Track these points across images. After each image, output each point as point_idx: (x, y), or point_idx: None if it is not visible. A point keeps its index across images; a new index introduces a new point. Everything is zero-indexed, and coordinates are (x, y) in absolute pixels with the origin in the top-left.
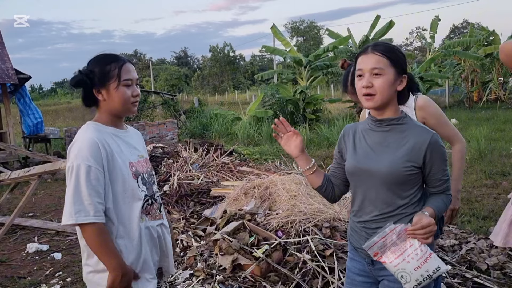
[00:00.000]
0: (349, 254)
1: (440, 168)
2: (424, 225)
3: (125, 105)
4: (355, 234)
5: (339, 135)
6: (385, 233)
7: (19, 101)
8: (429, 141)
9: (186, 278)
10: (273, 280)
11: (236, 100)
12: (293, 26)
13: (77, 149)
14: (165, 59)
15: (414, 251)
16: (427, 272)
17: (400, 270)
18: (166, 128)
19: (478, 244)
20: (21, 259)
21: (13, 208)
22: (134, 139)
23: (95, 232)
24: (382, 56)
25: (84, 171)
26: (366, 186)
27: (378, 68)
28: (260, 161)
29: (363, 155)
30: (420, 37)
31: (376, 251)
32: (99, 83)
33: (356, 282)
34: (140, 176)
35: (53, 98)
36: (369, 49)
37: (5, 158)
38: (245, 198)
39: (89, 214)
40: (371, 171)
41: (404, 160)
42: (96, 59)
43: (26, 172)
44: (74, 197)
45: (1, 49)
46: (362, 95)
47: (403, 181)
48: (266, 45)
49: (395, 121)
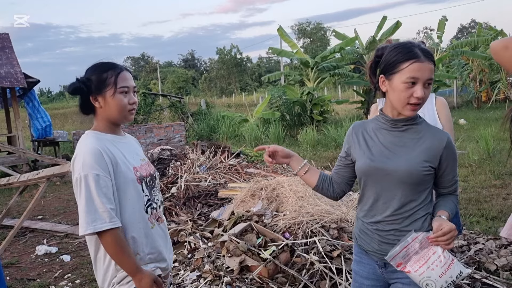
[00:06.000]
0: (355, 257)
1: (453, 169)
2: (445, 231)
3: (122, 112)
4: (365, 236)
5: (347, 133)
6: (407, 242)
7: (27, 105)
8: (446, 141)
9: (194, 280)
10: (281, 282)
11: (243, 102)
12: (300, 27)
13: (82, 160)
14: (173, 61)
15: (438, 258)
16: (451, 278)
17: (425, 279)
18: (174, 130)
19: (487, 245)
20: (31, 261)
21: (23, 210)
22: (133, 145)
23: (113, 238)
24: (433, 65)
25: (93, 180)
26: (381, 186)
27: (431, 79)
28: None
29: (379, 154)
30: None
31: (399, 262)
32: (96, 90)
33: (364, 286)
34: (144, 180)
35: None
36: (423, 57)
37: (14, 162)
38: (253, 199)
39: (106, 221)
40: (388, 171)
41: (421, 160)
42: (93, 67)
43: (35, 175)
44: (88, 206)
45: (10, 53)
46: (407, 104)
47: (419, 182)
48: (273, 47)
49: (411, 121)
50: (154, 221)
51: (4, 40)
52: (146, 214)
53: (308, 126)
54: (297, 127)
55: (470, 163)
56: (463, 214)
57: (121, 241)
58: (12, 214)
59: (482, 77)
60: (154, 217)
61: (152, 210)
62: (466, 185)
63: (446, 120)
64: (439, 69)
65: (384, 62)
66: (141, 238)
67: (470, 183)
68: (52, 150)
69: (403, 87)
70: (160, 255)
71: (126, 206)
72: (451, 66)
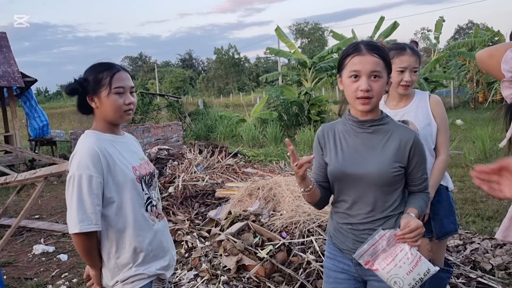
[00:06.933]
0: (329, 255)
1: (421, 167)
2: (412, 228)
3: (117, 112)
4: (339, 235)
5: (317, 136)
6: (374, 240)
7: (25, 104)
8: (413, 140)
9: (191, 279)
10: (278, 281)
11: (241, 102)
12: (298, 28)
13: (78, 159)
14: (170, 61)
15: (405, 255)
16: (418, 275)
17: (393, 276)
18: (171, 130)
19: (482, 245)
20: (28, 261)
21: (20, 210)
22: (133, 144)
23: (90, 240)
24: (379, 58)
25: (86, 180)
26: (354, 190)
27: (376, 71)
28: (265, 162)
29: (349, 159)
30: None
31: (367, 260)
32: (92, 91)
33: (339, 280)
34: (143, 179)
35: (59, 101)
36: (364, 50)
37: (11, 161)
38: (250, 199)
39: (92, 222)
40: (359, 175)
41: (391, 162)
42: (90, 68)
43: (32, 174)
44: (78, 206)
45: (7, 52)
46: (356, 98)
47: (391, 183)
48: (271, 47)
49: (378, 121)
50: (155, 218)
51: (2, 39)
52: (146, 212)
53: (305, 126)
54: (295, 127)
55: (466, 163)
56: (459, 214)
57: (94, 244)
58: (9, 213)
59: (479, 77)
60: (154, 214)
61: (152, 208)
62: (462, 185)
63: (441, 119)
64: (436, 70)
65: (338, 62)
66: (143, 236)
67: (467, 183)
68: (49, 149)
69: (349, 82)
70: (163, 252)
71: (126, 205)
72: (448, 66)
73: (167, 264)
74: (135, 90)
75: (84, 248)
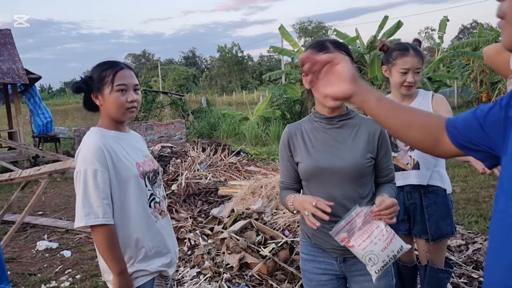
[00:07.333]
0: (306, 256)
1: (388, 157)
2: (388, 205)
3: (120, 110)
4: (322, 235)
5: (283, 137)
6: (351, 217)
7: (29, 101)
8: (380, 130)
9: (194, 276)
10: (280, 279)
11: (244, 100)
12: (301, 26)
13: (83, 154)
14: (173, 59)
15: (381, 232)
16: (392, 252)
17: (368, 253)
18: (174, 128)
19: (484, 245)
20: (31, 257)
21: (23, 206)
22: (137, 141)
23: (104, 234)
24: (346, 54)
25: (91, 175)
26: (328, 185)
27: None
28: (268, 161)
29: (322, 154)
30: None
31: (343, 236)
32: (96, 88)
33: (322, 282)
34: (146, 175)
35: (62, 98)
36: (332, 48)
37: (15, 157)
38: (253, 197)
39: (98, 216)
40: (334, 169)
41: (364, 153)
42: (96, 66)
43: (37, 171)
44: (84, 200)
45: (12, 49)
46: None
47: (364, 174)
48: (274, 46)
49: (345, 116)
50: (158, 215)
51: (6, 36)
52: (149, 208)
53: None
54: None
55: (469, 163)
56: (462, 214)
57: (112, 239)
58: (13, 209)
59: (482, 77)
60: (158, 211)
61: (156, 204)
62: (465, 185)
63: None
64: (440, 70)
65: None
66: (145, 231)
67: (469, 183)
68: (53, 146)
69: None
70: (165, 249)
71: (129, 200)
72: (452, 66)
73: (169, 261)
74: (140, 88)
75: (102, 244)
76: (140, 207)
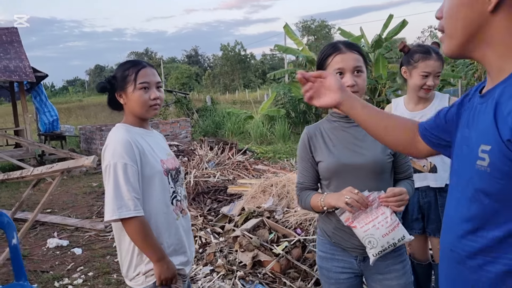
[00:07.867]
0: (324, 255)
1: None
2: (396, 192)
3: (143, 107)
4: (342, 234)
5: (303, 138)
6: None
7: (35, 99)
8: None
9: (207, 274)
10: (293, 277)
11: (247, 99)
12: (304, 25)
13: (112, 149)
14: (176, 57)
15: (385, 219)
16: (393, 239)
17: (369, 236)
18: (180, 126)
19: None
20: (43, 254)
21: (31, 204)
22: (160, 140)
23: (138, 226)
24: (359, 54)
25: (121, 168)
26: (350, 182)
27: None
28: (274, 159)
29: (344, 152)
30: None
31: (348, 217)
32: (119, 87)
33: (341, 280)
34: (169, 173)
35: (65, 96)
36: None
37: (21, 155)
38: (263, 195)
39: (130, 208)
40: (356, 165)
41: (384, 149)
42: (119, 66)
43: (49, 169)
44: (115, 193)
45: (19, 47)
46: None
47: (385, 170)
48: (279, 44)
49: None
50: (179, 213)
51: (13, 34)
52: (171, 205)
53: None
54: (302, 125)
55: None
56: None
57: (145, 229)
58: (22, 207)
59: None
60: (179, 209)
61: (177, 202)
62: None
63: None
64: (444, 69)
65: (316, 62)
66: (165, 228)
67: None
68: (59, 144)
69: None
70: (183, 247)
71: (152, 196)
72: (456, 65)
73: (186, 260)
74: (162, 85)
75: (136, 235)
76: (163, 203)
